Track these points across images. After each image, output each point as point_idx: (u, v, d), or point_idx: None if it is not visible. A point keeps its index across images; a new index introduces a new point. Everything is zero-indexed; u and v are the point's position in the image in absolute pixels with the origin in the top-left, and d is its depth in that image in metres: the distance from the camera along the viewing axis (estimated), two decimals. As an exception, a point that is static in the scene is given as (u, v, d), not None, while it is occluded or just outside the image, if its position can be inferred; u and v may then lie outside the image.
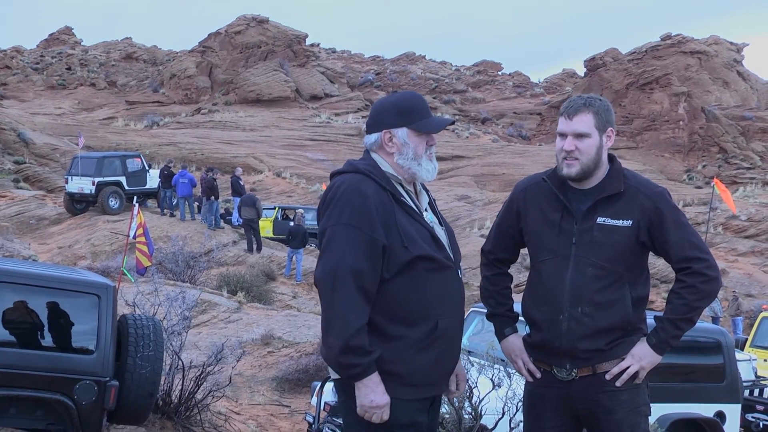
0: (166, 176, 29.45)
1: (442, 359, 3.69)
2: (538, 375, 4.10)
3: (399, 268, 3.58)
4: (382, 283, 3.58)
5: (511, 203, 4.21)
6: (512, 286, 4.32)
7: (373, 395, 3.53)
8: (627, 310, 3.95)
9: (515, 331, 4.23)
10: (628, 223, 3.94)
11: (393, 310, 3.58)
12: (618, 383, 3.94)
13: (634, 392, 4.00)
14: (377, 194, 3.60)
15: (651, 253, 4.09)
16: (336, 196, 3.61)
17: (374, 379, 3.53)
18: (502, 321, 4.25)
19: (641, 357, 3.94)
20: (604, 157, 4.04)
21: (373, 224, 3.54)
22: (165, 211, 29.45)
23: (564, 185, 4.05)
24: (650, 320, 4.09)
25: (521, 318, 4.21)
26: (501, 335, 4.25)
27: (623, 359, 3.95)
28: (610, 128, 4.03)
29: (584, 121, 3.97)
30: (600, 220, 3.96)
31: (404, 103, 3.78)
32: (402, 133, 3.73)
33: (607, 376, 3.95)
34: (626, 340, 3.97)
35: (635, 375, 3.96)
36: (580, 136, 3.97)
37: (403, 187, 3.74)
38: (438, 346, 3.64)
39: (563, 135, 4.01)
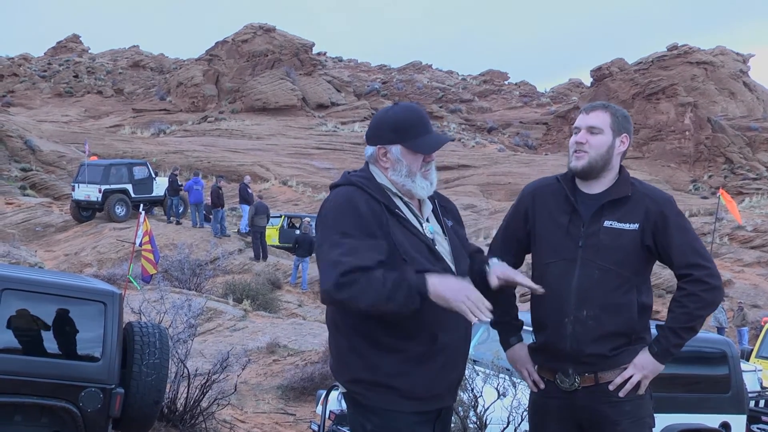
0: (172, 184, 29.54)
1: (443, 373, 3.61)
2: (542, 386, 4.08)
3: None
4: None
5: (518, 205, 4.21)
6: (518, 294, 4.30)
7: (444, 292, 3.39)
8: (633, 316, 3.94)
9: (520, 340, 4.21)
10: (635, 226, 3.95)
11: (390, 322, 3.51)
12: (621, 394, 3.92)
13: (638, 403, 3.98)
14: (369, 206, 3.55)
15: (657, 262, 4.10)
16: (330, 209, 3.57)
17: (430, 282, 3.39)
18: (506, 329, 4.22)
19: (643, 366, 3.93)
20: (615, 162, 4.05)
21: (372, 232, 3.49)
22: (171, 218, 29.50)
23: (575, 189, 4.07)
24: (654, 330, 4.09)
25: (526, 327, 4.20)
26: (506, 344, 4.23)
27: (625, 368, 3.94)
28: (625, 134, 4.05)
29: (599, 117, 4.02)
30: (607, 223, 3.97)
31: (400, 119, 3.69)
32: (396, 150, 3.66)
33: (610, 387, 3.93)
34: (630, 349, 3.96)
35: (638, 385, 3.94)
36: (592, 129, 4.01)
37: (401, 198, 3.69)
38: (438, 359, 3.57)
39: (578, 129, 4.06)
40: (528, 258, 4.25)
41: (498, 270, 3.84)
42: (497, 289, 3.88)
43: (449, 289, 3.40)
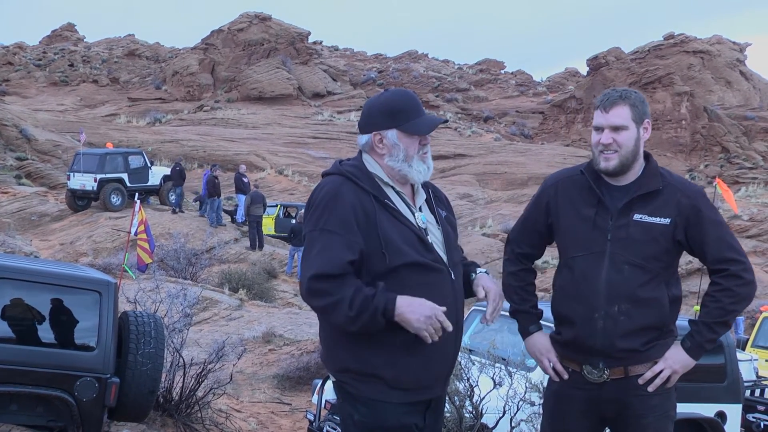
0: (180, 173, 29.67)
1: (431, 363, 3.58)
2: (566, 376, 4.02)
3: (379, 273, 3.50)
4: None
5: (540, 198, 4.12)
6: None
7: (409, 316, 3.42)
8: (664, 310, 3.89)
9: (540, 328, 4.15)
10: (666, 221, 3.88)
11: None
12: (650, 388, 3.88)
13: (665, 396, 3.94)
14: (357, 198, 3.52)
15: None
16: (316, 201, 3.56)
17: (399, 305, 3.42)
18: (526, 318, 4.16)
19: (675, 361, 3.89)
20: (641, 151, 3.97)
21: (351, 228, 3.47)
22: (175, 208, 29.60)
23: (599, 180, 3.98)
24: (682, 322, 4.05)
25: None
26: (525, 332, 4.16)
27: (656, 362, 3.89)
28: (646, 120, 3.96)
29: (621, 114, 3.90)
30: (637, 217, 3.88)
31: (394, 103, 3.67)
32: (392, 134, 3.64)
33: (640, 381, 3.89)
34: (661, 343, 3.91)
35: (667, 379, 3.90)
36: (617, 128, 3.89)
37: (393, 188, 3.66)
38: (426, 349, 3.53)
39: (599, 129, 3.94)
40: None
41: (484, 282, 3.76)
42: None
43: (415, 313, 3.42)
